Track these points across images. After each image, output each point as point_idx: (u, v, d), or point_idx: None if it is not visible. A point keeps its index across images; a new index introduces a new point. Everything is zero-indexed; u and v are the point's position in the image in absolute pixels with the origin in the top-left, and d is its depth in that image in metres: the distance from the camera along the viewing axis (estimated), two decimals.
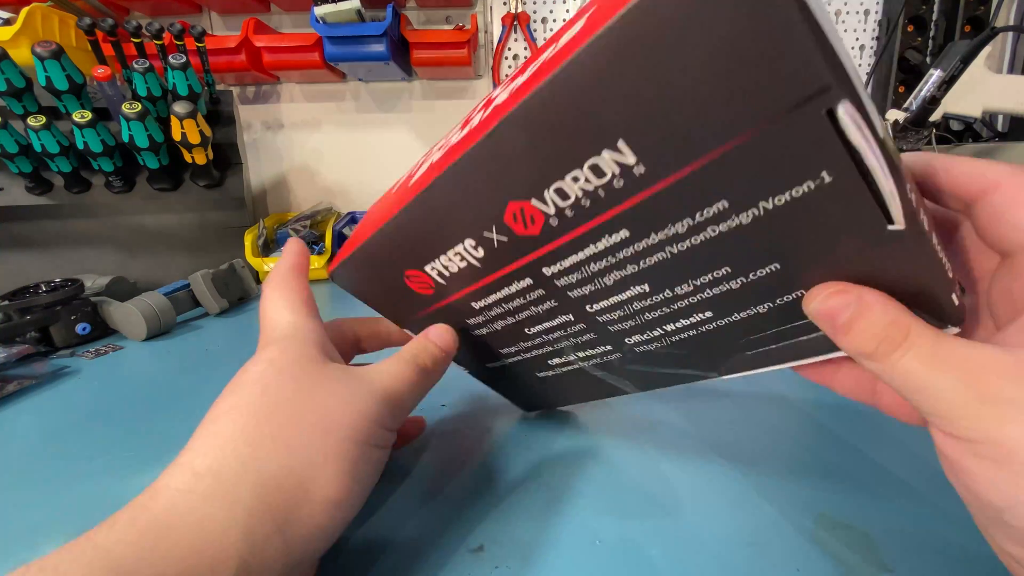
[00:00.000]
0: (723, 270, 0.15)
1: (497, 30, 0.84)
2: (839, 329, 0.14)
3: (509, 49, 0.85)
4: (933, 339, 0.13)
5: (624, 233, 0.15)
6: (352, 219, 0.80)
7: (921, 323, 0.13)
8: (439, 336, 0.22)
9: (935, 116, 0.61)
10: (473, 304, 0.21)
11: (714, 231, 0.14)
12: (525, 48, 0.85)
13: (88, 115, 0.57)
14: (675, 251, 0.15)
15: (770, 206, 0.13)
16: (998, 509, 0.13)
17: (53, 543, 0.21)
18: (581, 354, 0.21)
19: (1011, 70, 0.79)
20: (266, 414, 0.16)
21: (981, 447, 0.13)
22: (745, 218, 0.13)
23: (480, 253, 0.18)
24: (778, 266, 0.14)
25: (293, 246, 0.23)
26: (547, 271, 0.17)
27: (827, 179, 0.12)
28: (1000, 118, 0.76)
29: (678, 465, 0.24)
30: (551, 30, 0.85)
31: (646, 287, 0.16)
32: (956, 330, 0.14)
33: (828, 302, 0.14)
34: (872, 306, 0.13)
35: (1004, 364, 0.12)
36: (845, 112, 0.11)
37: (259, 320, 0.20)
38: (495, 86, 0.85)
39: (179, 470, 0.15)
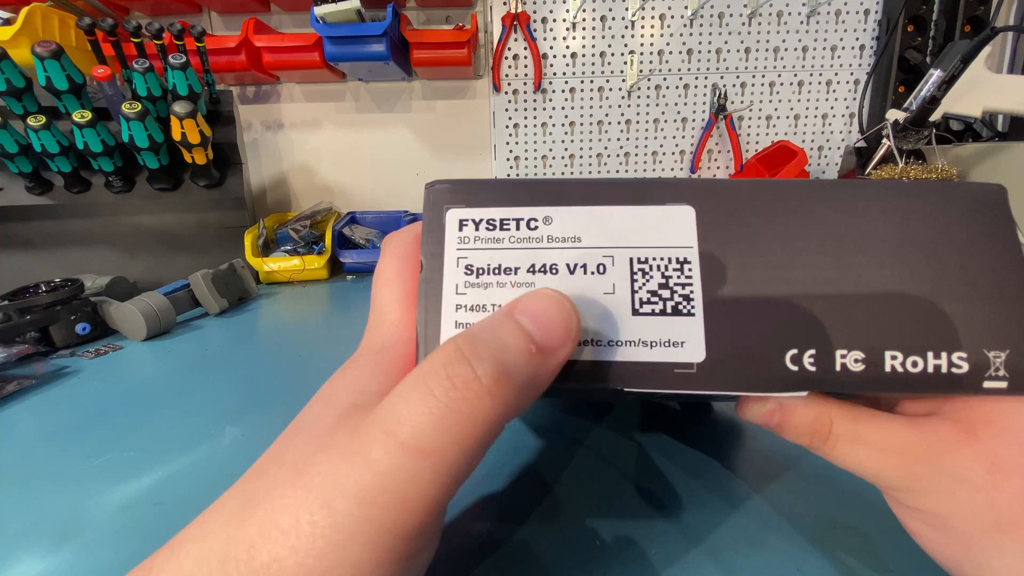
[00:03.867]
0: None
1: (497, 30, 0.84)
2: (776, 430, 0.16)
3: (509, 49, 0.85)
4: (853, 425, 0.14)
5: None
6: (352, 219, 0.80)
7: (842, 411, 0.14)
8: (540, 310, 0.12)
9: (935, 116, 0.61)
10: None
11: None
12: (525, 48, 0.85)
13: (88, 115, 0.56)
14: None
15: None
16: (944, 566, 0.14)
17: (53, 543, 0.21)
18: None
19: (1011, 70, 0.79)
20: (250, 513, 0.11)
21: (919, 514, 0.14)
22: None
23: None
24: None
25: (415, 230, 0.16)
26: None
27: None
28: (1000, 118, 0.76)
29: (678, 465, 0.24)
30: (551, 30, 0.85)
31: None
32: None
33: (759, 412, 0.16)
34: (793, 409, 0.15)
35: (911, 440, 0.14)
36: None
37: (371, 291, 0.17)
38: (495, 86, 0.85)
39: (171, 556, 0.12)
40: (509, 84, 0.87)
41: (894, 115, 0.64)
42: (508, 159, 0.90)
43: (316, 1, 0.67)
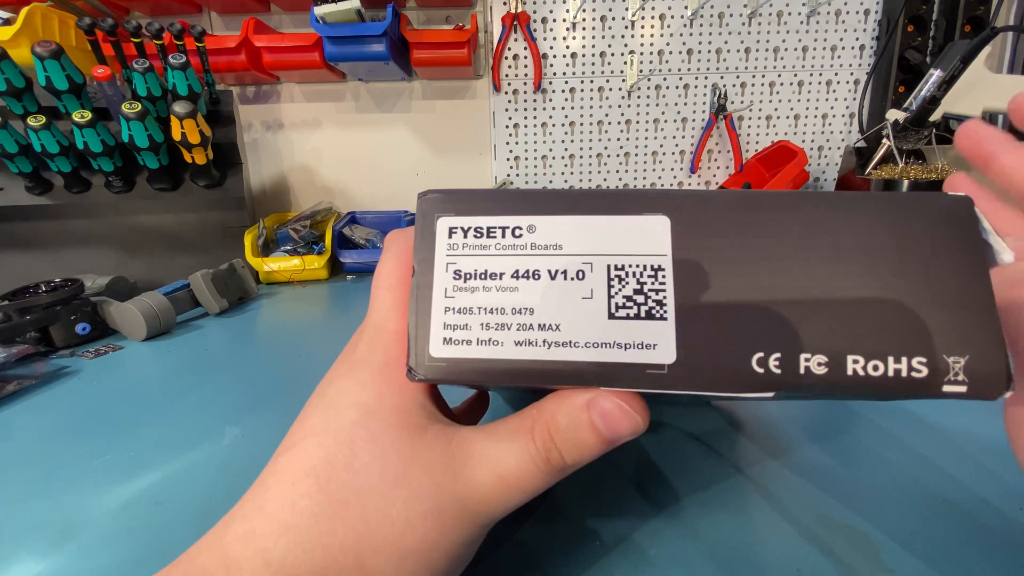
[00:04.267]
0: None
1: (497, 30, 0.84)
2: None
3: (509, 49, 0.85)
4: None
5: None
6: (352, 219, 0.80)
7: None
8: (614, 417, 0.14)
9: (935, 116, 0.61)
10: None
11: None
12: (525, 48, 0.85)
13: (88, 115, 0.56)
14: None
15: None
16: None
17: (53, 543, 0.21)
18: None
19: (1011, 70, 0.79)
20: (346, 513, 0.14)
21: None
22: None
23: None
24: None
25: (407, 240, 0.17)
26: None
27: None
28: (1000, 118, 0.76)
29: (678, 465, 0.24)
30: (551, 30, 0.85)
31: None
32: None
33: None
34: None
35: None
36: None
37: (371, 291, 0.18)
38: (495, 86, 0.85)
39: (252, 548, 0.13)
40: (509, 84, 0.87)
41: (894, 115, 0.64)
42: (508, 159, 0.90)
43: (316, 1, 0.67)
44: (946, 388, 0.13)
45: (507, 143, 0.90)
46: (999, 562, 0.18)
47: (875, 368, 0.13)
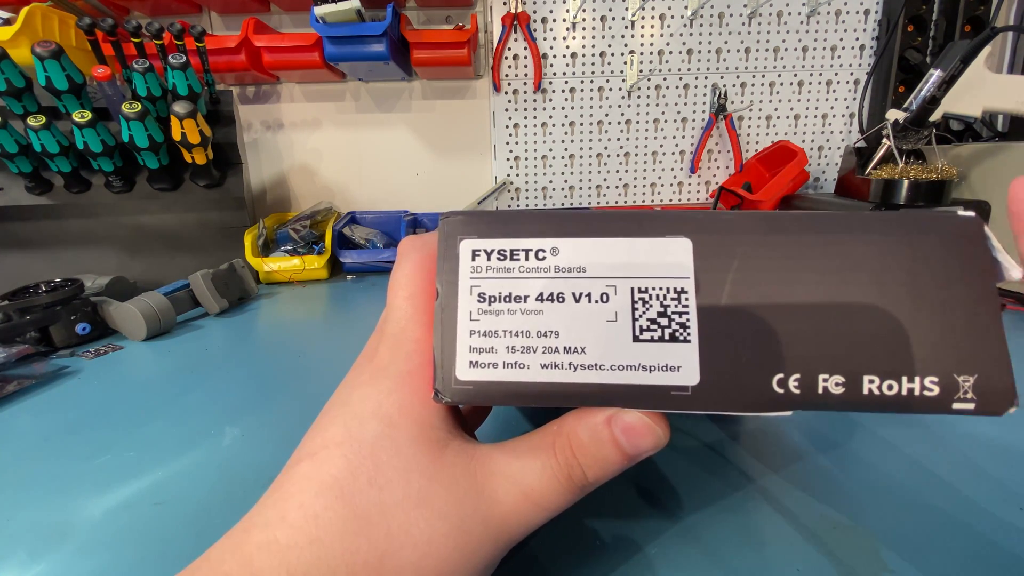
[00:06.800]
0: None
1: (497, 30, 0.84)
2: None
3: (509, 49, 0.85)
4: None
5: None
6: (352, 219, 0.80)
7: None
8: (637, 431, 0.14)
9: (935, 116, 0.61)
10: None
11: None
12: (525, 48, 0.85)
13: (88, 115, 0.57)
14: None
15: None
16: None
17: (53, 543, 0.21)
18: None
19: (1011, 70, 0.79)
20: (370, 530, 0.13)
21: None
22: None
23: None
24: None
25: (429, 245, 0.17)
26: None
27: None
28: (1000, 118, 0.76)
29: (678, 465, 0.24)
30: (551, 30, 0.85)
31: None
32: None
33: None
34: None
35: None
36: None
37: (387, 293, 0.17)
38: (495, 86, 0.86)
39: (275, 560, 0.13)
40: (509, 84, 0.87)
41: (894, 115, 0.64)
42: (508, 159, 0.90)
43: (316, 1, 0.67)
44: (955, 406, 0.13)
45: (507, 143, 0.90)
46: (999, 562, 0.18)
47: (889, 388, 0.13)
